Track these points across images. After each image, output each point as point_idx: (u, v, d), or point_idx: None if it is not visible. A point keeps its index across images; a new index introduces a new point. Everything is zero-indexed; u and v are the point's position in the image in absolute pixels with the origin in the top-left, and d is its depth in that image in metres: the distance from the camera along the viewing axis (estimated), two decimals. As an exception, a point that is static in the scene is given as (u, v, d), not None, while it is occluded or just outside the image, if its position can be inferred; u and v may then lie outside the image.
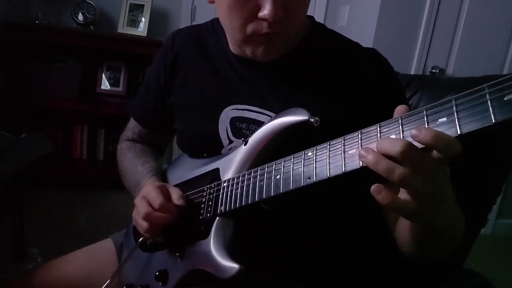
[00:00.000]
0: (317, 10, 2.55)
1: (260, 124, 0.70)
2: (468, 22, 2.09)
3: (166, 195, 0.71)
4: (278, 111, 0.67)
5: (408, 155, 0.41)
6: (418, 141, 0.41)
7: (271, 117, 0.69)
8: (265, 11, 0.60)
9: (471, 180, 0.77)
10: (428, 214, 0.47)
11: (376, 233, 0.75)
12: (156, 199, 0.69)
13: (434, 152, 0.42)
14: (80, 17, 2.40)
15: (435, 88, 0.93)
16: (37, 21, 2.34)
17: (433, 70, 2.15)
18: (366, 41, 0.69)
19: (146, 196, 0.71)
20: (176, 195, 0.71)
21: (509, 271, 2.11)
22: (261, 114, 0.71)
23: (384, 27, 2.05)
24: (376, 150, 0.44)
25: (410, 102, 0.92)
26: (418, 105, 0.92)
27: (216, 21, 0.82)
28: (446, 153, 0.41)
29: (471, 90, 0.39)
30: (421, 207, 0.45)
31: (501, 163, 0.79)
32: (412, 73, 2.11)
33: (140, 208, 0.70)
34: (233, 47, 0.76)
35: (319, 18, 0.77)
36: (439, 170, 0.43)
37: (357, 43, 0.75)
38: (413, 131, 0.41)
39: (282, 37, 0.66)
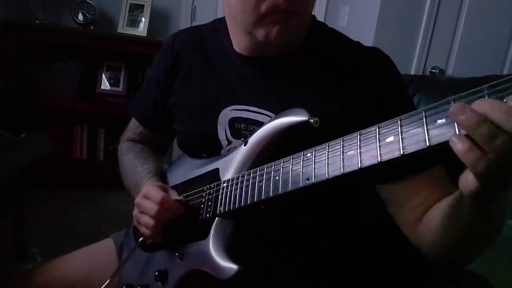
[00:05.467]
0: (317, 10, 2.55)
1: (259, 124, 0.70)
2: (468, 22, 2.09)
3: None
4: (277, 111, 0.67)
5: None
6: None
7: (269, 117, 0.69)
8: None
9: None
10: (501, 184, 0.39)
11: (377, 232, 0.75)
12: (157, 195, 0.70)
13: None
14: (80, 17, 2.40)
15: (435, 89, 0.93)
16: (37, 21, 2.33)
17: (433, 71, 2.15)
18: (366, 41, 0.69)
19: (147, 194, 0.72)
20: (175, 194, 0.73)
21: (509, 272, 2.11)
22: (259, 114, 0.71)
23: (384, 27, 2.04)
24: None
25: (410, 103, 0.93)
26: (418, 105, 0.92)
27: (217, 22, 0.82)
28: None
29: (470, 91, 0.38)
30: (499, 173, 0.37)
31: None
32: (412, 73, 2.11)
33: (141, 206, 0.71)
34: (238, 43, 0.74)
35: (319, 18, 0.77)
36: None
37: (358, 42, 0.75)
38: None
39: (298, 17, 0.65)
